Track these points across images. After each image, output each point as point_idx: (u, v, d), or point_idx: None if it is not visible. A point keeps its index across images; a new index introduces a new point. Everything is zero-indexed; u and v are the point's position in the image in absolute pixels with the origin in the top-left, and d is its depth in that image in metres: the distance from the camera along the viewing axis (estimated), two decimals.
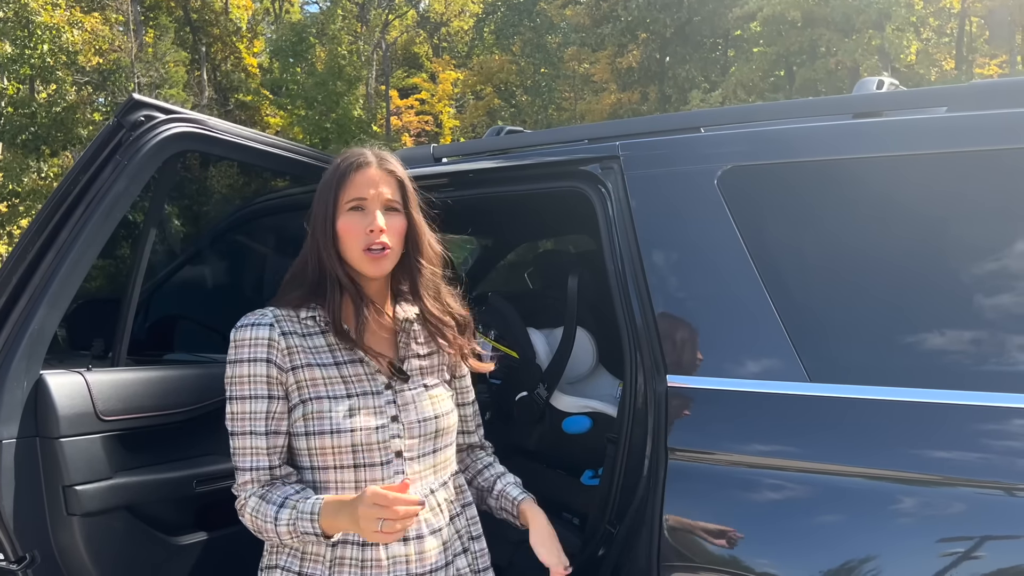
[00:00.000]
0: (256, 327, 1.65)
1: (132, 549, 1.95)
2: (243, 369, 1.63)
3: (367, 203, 1.68)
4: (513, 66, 27.82)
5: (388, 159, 1.75)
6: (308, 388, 1.64)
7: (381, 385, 1.68)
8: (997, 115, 1.75)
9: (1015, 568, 1.48)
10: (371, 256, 1.66)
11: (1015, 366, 1.61)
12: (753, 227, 1.90)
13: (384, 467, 1.64)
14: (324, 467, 1.64)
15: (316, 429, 1.62)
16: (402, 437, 1.66)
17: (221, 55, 28.35)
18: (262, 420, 1.63)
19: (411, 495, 1.49)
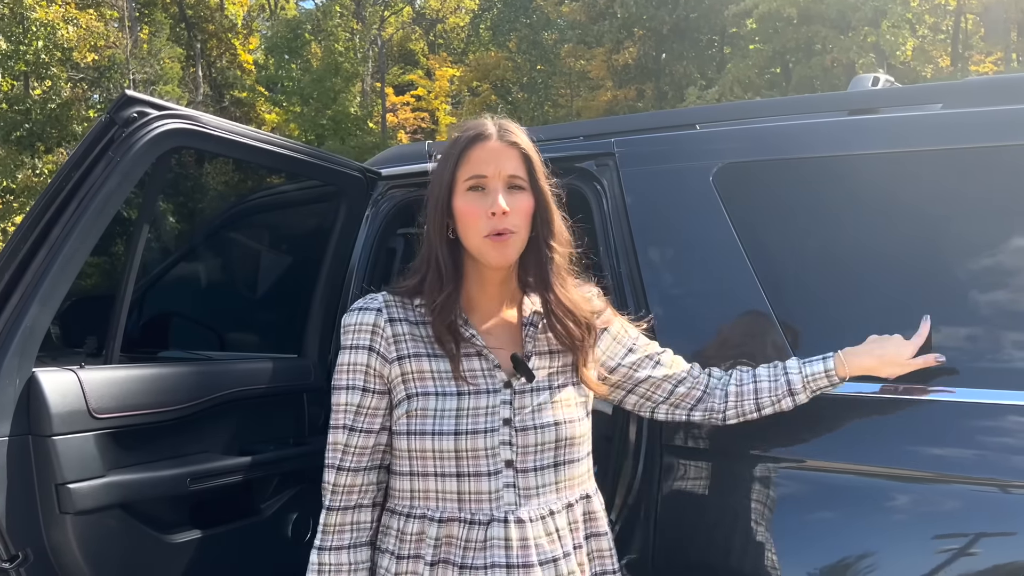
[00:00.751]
0: (363, 312, 1.51)
1: (125, 547, 1.94)
2: (344, 356, 1.51)
3: (487, 181, 1.47)
4: (509, 63, 27.78)
5: (511, 129, 1.53)
6: (414, 382, 1.48)
7: (499, 383, 1.50)
8: (992, 112, 1.75)
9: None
10: (494, 242, 1.46)
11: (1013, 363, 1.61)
12: (748, 224, 1.90)
13: (492, 478, 1.45)
14: (424, 474, 1.47)
15: (418, 429, 1.46)
16: (514, 444, 1.47)
17: (216, 52, 28.26)
18: (351, 414, 1.49)
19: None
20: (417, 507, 1.49)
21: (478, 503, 1.45)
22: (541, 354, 1.55)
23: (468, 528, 1.45)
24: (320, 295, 2.53)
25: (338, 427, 1.50)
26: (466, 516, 1.45)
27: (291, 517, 2.33)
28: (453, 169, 1.49)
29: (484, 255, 1.48)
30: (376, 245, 2.62)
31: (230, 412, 2.22)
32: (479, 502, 1.45)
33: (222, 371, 2.27)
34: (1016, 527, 1.52)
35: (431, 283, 1.49)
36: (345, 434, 1.49)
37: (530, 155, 1.51)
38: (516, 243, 1.48)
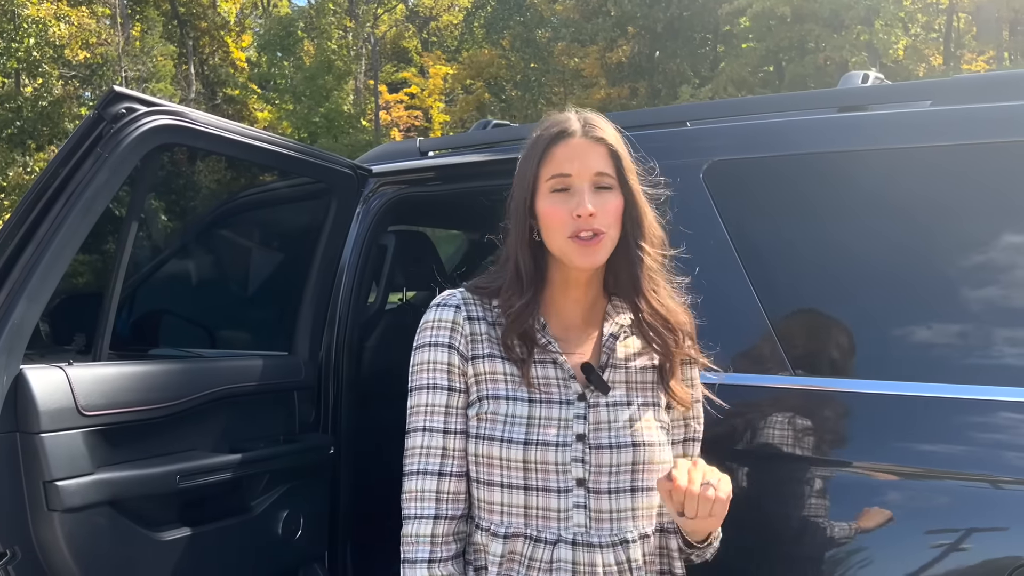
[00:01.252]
0: (442, 308, 1.44)
1: (114, 545, 1.93)
2: (423, 355, 1.42)
3: (572, 180, 1.38)
4: (503, 61, 27.76)
5: (597, 123, 1.42)
6: (487, 383, 1.40)
7: (573, 394, 1.40)
8: (981, 109, 1.76)
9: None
10: (580, 244, 1.36)
11: (1003, 359, 1.61)
12: (739, 220, 1.90)
13: (562, 496, 1.36)
14: (490, 483, 1.37)
15: (486, 433, 1.37)
16: (587, 462, 1.37)
17: (209, 49, 28.16)
18: (440, 415, 1.39)
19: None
20: (481, 518, 1.41)
21: (545, 520, 1.36)
22: (619, 368, 1.44)
23: (533, 546, 1.36)
24: (310, 292, 2.53)
25: (430, 430, 1.39)
26: (532, 533, 1.37)
27: (281, 515, 2.33)
28: (536, 168, 1.40)
29: (569, 258, 1.38)
30: (367, 242, 2.61)
31: (220, 409, 2.22)
32: (546, 519, 1.36)
33: (212, 368, 2.26)
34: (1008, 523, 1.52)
35: (510, 287, 1.41)
36: (440, 437, 1.39)
37: (618, 151, 1.41)
38: (606, 245, 1.39)
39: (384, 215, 2.65)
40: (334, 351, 2.57)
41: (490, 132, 2.71)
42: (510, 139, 2.63)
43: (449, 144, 2.83)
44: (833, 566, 1.64)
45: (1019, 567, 1.44)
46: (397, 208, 2.68)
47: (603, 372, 1.43)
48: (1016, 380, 1.56)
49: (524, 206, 1.41)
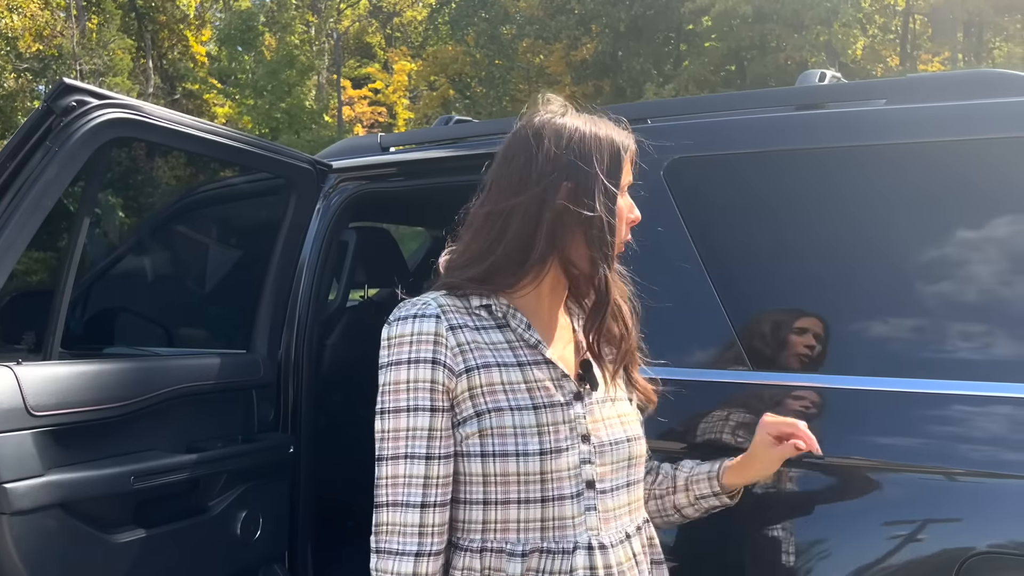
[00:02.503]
0: (420, 320, 1.30)
1: (66, 548, 1.89)
2: (400, 374, 1.28)
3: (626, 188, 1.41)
4: (468, 57, 27.71)
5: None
6: (485, 396, 1.30)
7: (570, 395, 1.36)
8: (934, 108, 1.79)
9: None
10: (620, 246, 1.40)
11: (958, 353, 1.64)
12: (699, 217, 1.91)
13: (575, 501, 1.31)
14: (506, 501, 1.29)
15: (498, 450, 1.28)
16: (594, 463, 1.34)
17: (168, 43, 27.75)
18: (423, 439, 1.27)
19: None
20: (492, 540, 1.31)
21: (562, 530, 1.31)
22: (595, 364, 1.43)
23: (551, 559, 1.30)
24: (269, 289, 2.50)
25: (412, 456, 1.27)
26: (549, 545, 1.31)
27: (240, 515, 2.30)
28: (620, 166, 1.37)
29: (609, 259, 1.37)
30: (327, 239, 2.58)
31: (176, 409, 2.18)
32: (563, 529, 1.31)
33: (167, 367, 2.22)
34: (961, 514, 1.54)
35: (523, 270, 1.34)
36: (423, 464, 1.27)
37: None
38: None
39: (345, 211, 2.62)
40: (294, 349, 2.54)
41: (452, 128, 2.70)
42: (472, 135, 2.62)
43: (411, 140, 2.81)
44: (792, 557, 1.66)
45: (971, 557, 1.47)
46: (358, 204, 2.66)
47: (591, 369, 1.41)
48: (970, 374, 1.58)
49: (604, 201, 1.33)
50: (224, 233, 2.92)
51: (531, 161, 1.34)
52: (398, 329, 1.30)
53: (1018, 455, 1.52)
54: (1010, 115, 1.71)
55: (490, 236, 1.35)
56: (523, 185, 1.33)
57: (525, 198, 1.33)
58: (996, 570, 1.47)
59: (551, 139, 1.35)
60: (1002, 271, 1.65)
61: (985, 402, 1.57)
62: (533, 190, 1.33)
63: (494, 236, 1.34)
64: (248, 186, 2.65)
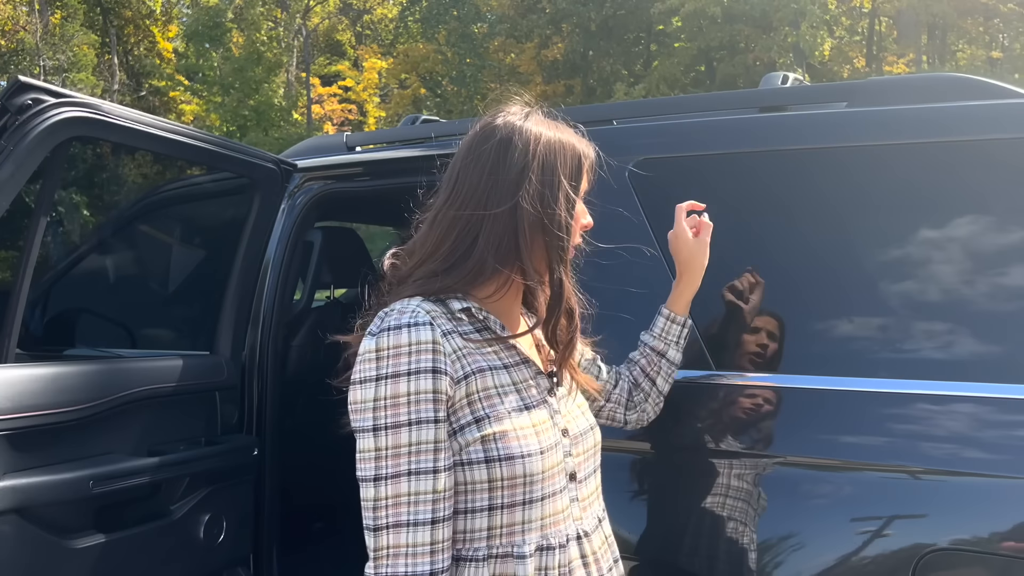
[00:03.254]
0: (415, 328, 1.24)
1: (22, 554, 1.86)
2: (399, 386, 1.22)
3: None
4: (439, 56, 27.63)
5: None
6: (482, 402, 1.29)
7: (545, 391, 1.39)
8: (893, 111, 1.81)
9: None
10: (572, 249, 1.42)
11: (919, 353, 1.66)
12: (663, 219, 1.92)
13: (562, 495, 1.34)
14: (511, 505, 1.28)
15: (502, 455, 1.26)
16: (573, 455, 1.38)
17: (134, 39, 27.34)
18: (429, 454, 1.22)
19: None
20: (498, 546, 1.29)
21: (556, 525, 1.32)
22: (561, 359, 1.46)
23: (551, 555, 1.31)
24: (233, 290, 2.47)
25: (417, 473, 1.22)
26: (549, 542, 1.31)
27: (203, 518, 2.27)
28: (579, 176, 1.39)
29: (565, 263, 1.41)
30: (292, 238, 2.56)
31: (137, 412, 2.15)
32: (557, 524, 1.33)
33: (129, 369, 2.19)
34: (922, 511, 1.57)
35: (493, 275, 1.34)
36: (431, 479, 1.22)
37: None
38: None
39: (310, 211, 2.60)
40: (258, 350, 2.52)
41: (419, 128, 2.69)
42: (439, 135, 2.61)
43: (377, 139, 2.79)
44: (757, 555, 1.67)
45: (929, 552, 1.49)
46: (324, 204, 2.63)
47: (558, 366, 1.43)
48: (931, 373, 1.61)
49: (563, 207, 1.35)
50: (188, 233, 2.88)
51: (499, 166, 1.34)
52: (392, 340, 1.24)
53: (976, 453, 1.55)
54: (970, 118, 1.73)
55: (460, 241, 1.33)
56: (494, 191, 1.33)
57: (496, 204, 1.32)
58: (953, 565, 1.50)
59: (519, 144, 1.35)
60: (963, 271, 1.67)
61: (945, 401, 1.59)
62: (504, 196, 1.32)
63: (466, 241, 1.33)
64: (212, 185, 2.62)
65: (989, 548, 1.48)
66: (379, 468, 1.21)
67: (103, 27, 25.95)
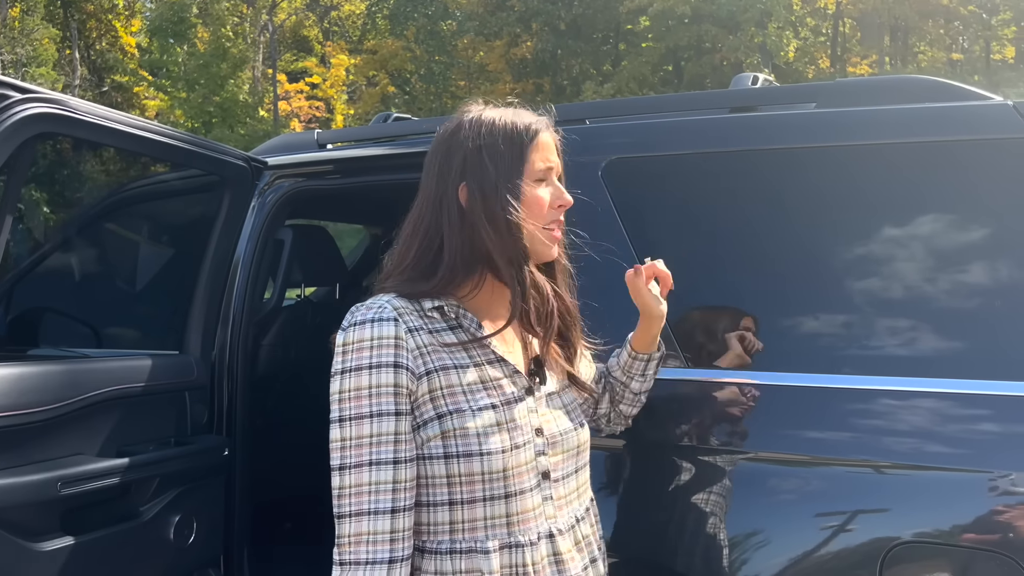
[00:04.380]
0: (379, 324, 1.29)
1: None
2: (362, 379, 1.26)
3: (552, 173, 1.39)
4: (407, 53, 27.50)
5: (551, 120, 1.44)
6: (445, 399, 1.31)
7: (522, 390, 1.39)
8: (861, 112, 1.84)
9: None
10: (550, 234, 1.38)
11: (883, 350, 1.69)
12: (636, 218, 1.93)
13: (534, 493, 1.35)
14: (471, 500, 1.30)
15: (461, 451, 1.29)
16: (547, 454, 1.38)
17: (95, 33, 26.86)
18: (389, 445, 1.26)
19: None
20: (461, 541, 1.32)
21: (525, 523, 1.34)
22: (544, 357, 1.45)
23: (520, 552, 1.33)
24: (202, 289, 2.45)
25: (378, 463, 1.26)
26: (516, 539, 1.33)
27: (173, 519, 2.24)
28: (527, 153, 1.36)
29: (538, 245, 1.37)
30: (263, 237, 2.54)
31: (106, 412, 2.12)
32: (526, 521, 1.34)
33: (96, 369, 2.16)
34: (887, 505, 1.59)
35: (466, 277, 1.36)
36: (390, 469, 1.26)
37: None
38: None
39: (280, 209, 2.58)
40: (228, 349, 2.49)
41: (390, 125, 2.68)
42: (410, 133, 2.61)
43: (348, 137, 2.78)
44: (727, 551, 1.69)
45: (896, 545, 1.52)
46: (294, 201, 2.62)
47: (542, 363, 1.43)
48: (895, 369, 1.64)
49: (506, 194, 1.34)
50: (156, 231, 2.84)
51: (444, 167, 1.37)
52: (356, 334, 1.29)
53: (939, 447, 1.58)
54: (936, 120, 1.77)
55: (422, 242, 1.36)
56: (444, 194, 1.36)
57: (448, 206, 1.35)
58: (918, 558, 1.53)
59: (460, 138, 1.38)
60: (927, 270, 1.71)
61: (908, 397, 1.62)
62: (451, 197, 1.35)
63: (425, 242, 1.36)
64: (181, 183, 2.59)
65: (952, 540, 1.51)
66: (344, 458, 1.26)
67: (64, 21, 25.46)
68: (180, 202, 2.74)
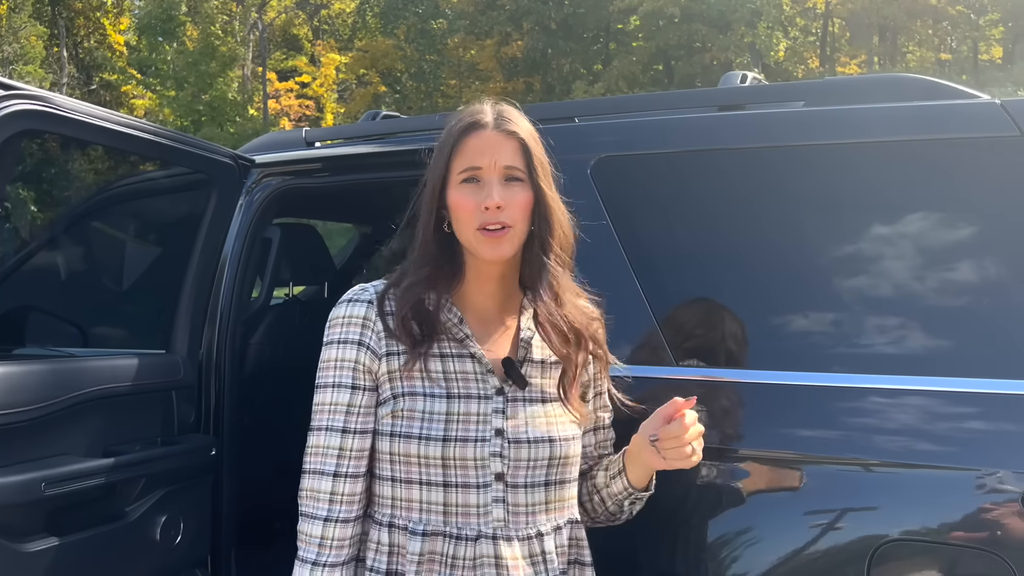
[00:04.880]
0: (353, 304, 1.42)
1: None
2: (331, 352, 1.41)
3: (483, 173, 1.38)
4: (398, 52, 27.44)
5: (510, 116, 1.42)
6: (402, 381, 1.38)
7: (491, 389, 1.40)
8: (849, 110, 1.84)
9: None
10: (487, 236, 1.36)
11: (872, 348, 1.69)
12: (624, 216, 1.93)
13: (480, 491, 1.36)
14: (408, 481, 1.37)
15: (403, 431, 1.36)
16: (505, 457, 1.37)
17: (84, 31, 26.71)
18: (341, 414, 1.38)
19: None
20: (399, 517, 1.38)
21: (465, 517, 1.36)
22: (535, 363, 1.45)
23: (455, 544, 1.36)
24: (189, 288, 2.43)
25: (330, 429, 1.38)
26: (452, 531, 1.36)
27: (159, 520, 2.23)
28: (448, 159, 1.40)
29: (477, 249, 1.39)
30: (250, 235, 2.52)
31: (91, 412, 2.10)
32: (466, 516, 1.36)
33: (82, 368, 2.14)
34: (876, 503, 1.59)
35: (426, 278, 1.41)
36: (339, 436, 1.38)
37: (530, 146, 1.40)
38: (512, 238, 1.38)
39: (268, 207, 2.56)
40: (215, 349, 2.48)
41: (379, 123, 2.67)
42: (399, 131, 2.60)
43: (337, 135, 2.77)
44: (716, 549, 1.68)
45: (884, 543, 1.52)
46: (282, 200, 2.60)
47: (521, 367, 1.43)
48: (885, 368, 1.63)
49: (434, 196, 1.41)
50: (143, 229, 2.82)
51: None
52: (335, 312, 1.44)
53: (927, 445, 1.58)
54: (924, 119, 1.77)
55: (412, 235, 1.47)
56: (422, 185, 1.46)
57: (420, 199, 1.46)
58: (907, 555, 1.53)
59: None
60: (915, 268, 1.71)
61: (897, 395, 1.62)
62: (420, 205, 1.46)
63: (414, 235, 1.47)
64: (168, 181, 2.57)
65: (940, 538, 1.51)
66: (311, 420, 1.42)
67: (52, 19, 25.32)
68: (167, 200, 2.72)
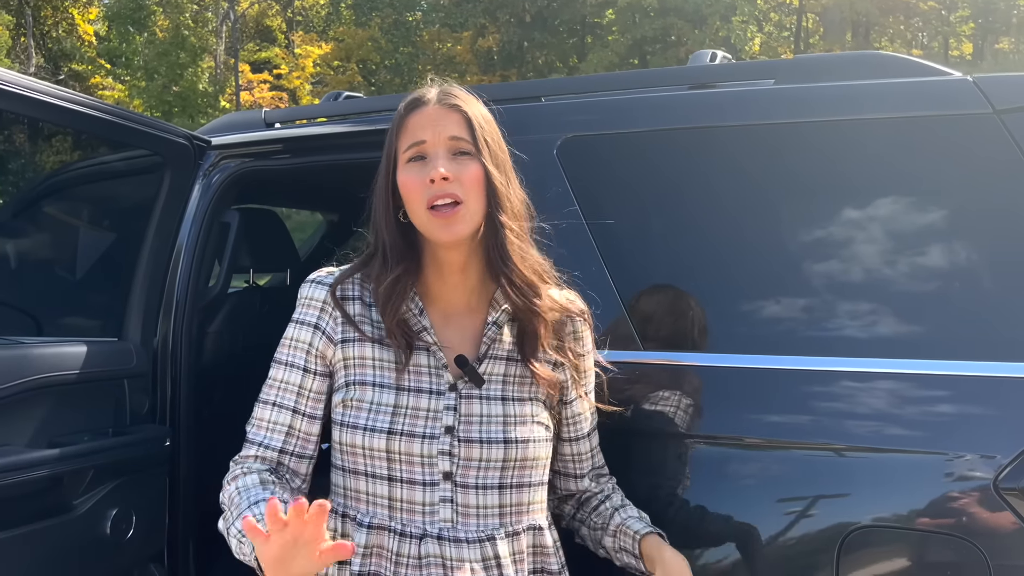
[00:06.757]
0: (314, 285, 1.42)
1: None
2: (290, 330, 1.42)
3: (427, 148, 1.32)
4: (373, 44, 27.26)
5: (453, 92, 1.38)
6: (355, 369, 1.36)
7: (445, 384, 1.36)
8: (820, 88, 1.80)
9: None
10: (438, 215, 1.30)
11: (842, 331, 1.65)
12: (590, 197, 1.88)
13: (427, 489, 1.32)
14: (355, 471, 1.35)
15: (350, 421, 1.34)
16: (455, 456, 1.33)
17: (51, 20, 26.25)
18: (292, 394, 1.39)
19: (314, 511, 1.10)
20: (349, 507, 1.37)
21: (410, 514, 1.33)
22: (499, 359, 1.40)
23: (399, 541, 1.32)
24: (142, 274, 2.34)
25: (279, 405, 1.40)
26: (397, 527, 1.33)
27: (109, 513, 2.15)
28: (395, 141, 1.37)
29: (430, 232, 1.32)
30: (207, 219, 2.44)
31: (36, 401, 2.02)
32: (411, 512, 1.33)
33: (26, 356, 2.05)
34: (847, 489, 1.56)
35: (378, 268, 1.37)
36: (288, 415, 1.39)
37: (472, 118, 1.34)
38: (464, 216, 1.30)
39: (226, 191, 2.48)
40: (171, 337, 2.39)
41: (341, 104, 2.60)
42: (362, 111, 2.53)
43: (297, 115, 2.69)
44: (685, 536, 1.64)
45: (854, 530, 1.49)
46: (241, 183, 2.52)
47: (481, 363, 1.38)
48: (856, 351, 1.60)
49: (387, 182, 1.37)
50: (94, 213, 2.72)
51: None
52: (300, 291, 1.44)
53: (897, 430, 1.54)
54: (895, 95, 1.73)
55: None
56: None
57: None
58: (876, 543, 1.50)
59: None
60: (885, 251, 1.67)
61: (868, 378, 1.58)
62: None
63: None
64: (120, 163, 2.48)
65: (911, 525, 1.48)
66: (262, 392, 1.42)
67: (18, 7, 24.83)
68: (119, 183, 2.62)
